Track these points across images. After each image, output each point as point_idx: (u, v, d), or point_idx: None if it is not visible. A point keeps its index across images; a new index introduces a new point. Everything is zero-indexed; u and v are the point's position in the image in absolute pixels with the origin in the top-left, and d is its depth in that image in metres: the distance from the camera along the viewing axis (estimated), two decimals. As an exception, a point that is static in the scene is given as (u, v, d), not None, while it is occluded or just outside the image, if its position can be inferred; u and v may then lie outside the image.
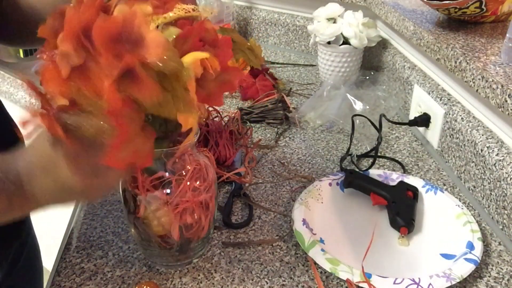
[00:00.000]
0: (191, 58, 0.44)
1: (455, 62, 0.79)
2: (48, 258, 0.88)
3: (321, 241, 0.70)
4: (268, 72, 1.20)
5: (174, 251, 0.63)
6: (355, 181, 0.79)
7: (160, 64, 0.42)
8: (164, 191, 0.59)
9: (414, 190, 0.77)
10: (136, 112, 0.44)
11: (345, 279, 0.62)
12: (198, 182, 0.60)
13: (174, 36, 0.45)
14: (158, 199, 0.58)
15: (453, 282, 0.61)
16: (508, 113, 0.66)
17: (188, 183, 0.59)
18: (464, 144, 0.80)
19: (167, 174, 0.59)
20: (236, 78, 0.49)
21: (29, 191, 0.47)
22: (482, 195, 0.76)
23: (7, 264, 0.73)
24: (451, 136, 0.85)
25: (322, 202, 0.78)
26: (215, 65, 0.46)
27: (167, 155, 0.58)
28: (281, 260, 0.68)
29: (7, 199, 0.46)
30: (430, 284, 0.60)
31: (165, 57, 0.42)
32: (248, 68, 1.19)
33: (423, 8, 1.03)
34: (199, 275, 0.65)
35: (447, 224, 0.73)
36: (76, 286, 0.64)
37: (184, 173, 0.60)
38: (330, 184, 0.81)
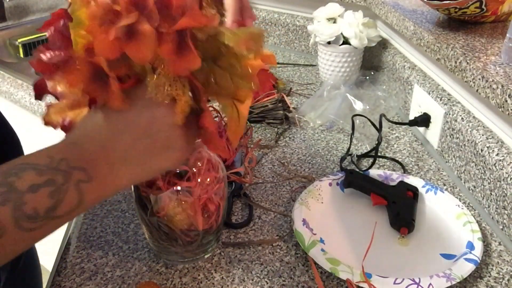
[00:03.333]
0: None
1: (455, 62, 0.79)
2: (48, 258, 0.88)
3: (321, 241, 0.70)
4: (268, 72, 1.20)
5: (196, 244, 0.64)
6: (355, 181, 0.79)
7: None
8: (186, 185, 0.60)
9: (414, 190, 0.77)
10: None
11: (345, 279, 0.62)
12: (213, 173, 0.62)
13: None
14: (184, 193, 0.60)
15: (453, 282, 0.61)
16: (508, 113, 0.66)
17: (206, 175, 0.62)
18: (464, 144, 0.80)
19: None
20: (268, 80, 0.51)
21: (106, 167, 0.43)
22: (482, 195, 0.76)
23: (9, 266, 0.73)
24: (451, 136, 0.85)
25: (322, 202, 0.78)
26: (273, 62, 0.47)
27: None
28: (281, 260, 0.68)
29: (77, 191, 0.41)
30: (430, 284, 0.60)
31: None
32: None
33: (423, 8, 1.03)
34: (199, 275, 0.65)
35: (447, 224, 0.73)
36: (76, 286, 0.64)
37: (199, 166, 0.61)
38: (330, 184, 0.81)
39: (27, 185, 0.39)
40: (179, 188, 0.60)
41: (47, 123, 0.47)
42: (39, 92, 0.46)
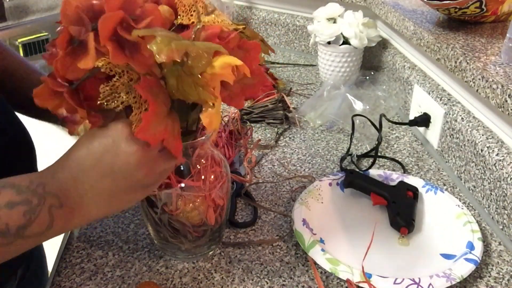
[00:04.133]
0: (221, 62, 0.46)
1: (455, 62, 0.79)
2: (48, 258, 0.88)
3: (321, 241, 0.70)
4: (268, 72, 1.20)
5: (204, 239, 0.64)
6: (355, 181, 0.79)
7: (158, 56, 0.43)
8: (194, 181, 0.60)
9: (414, 190, 0.77)
10: (164, 94, 0.47)
11: (345, 279, 0.62)
12: (218, 168, 0.63)
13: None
14: (195, 189, 0.60)
15: (453, 282, 0.61)
16: (508, 113, 0.66)
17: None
18: (464, 144, 0.80)
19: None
20: (260, 84, 0.51)
21: (76, 197, 0.46)
22: (482, 195, 0.76)
23: (20, 273, 0.73)
24: (451, 136, 0.85)
25: (322, 202, 0.78)
26: (246, 72, 0.47)
27: (192, 147, 0.61)
28: (281, 260, 0.68)
29: (49, 214, 0.44)
30: (430, 284, 0.60)
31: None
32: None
33: (423, 8, 1.03)
34: (199, 275, 0.65)
35: (447, 224, 0.73)
36: (76, 286, 0.64)
37: (204, 163, 0.62)
38: (330, 184, 0.81)
39: (5, 201, 0.42)
40: (184, 184, 0.60)
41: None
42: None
